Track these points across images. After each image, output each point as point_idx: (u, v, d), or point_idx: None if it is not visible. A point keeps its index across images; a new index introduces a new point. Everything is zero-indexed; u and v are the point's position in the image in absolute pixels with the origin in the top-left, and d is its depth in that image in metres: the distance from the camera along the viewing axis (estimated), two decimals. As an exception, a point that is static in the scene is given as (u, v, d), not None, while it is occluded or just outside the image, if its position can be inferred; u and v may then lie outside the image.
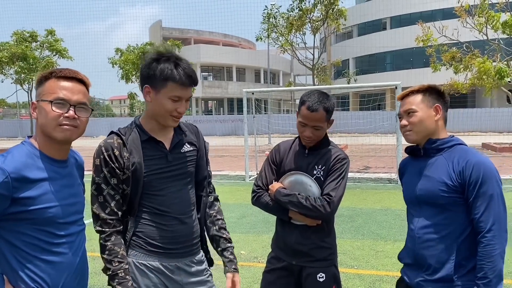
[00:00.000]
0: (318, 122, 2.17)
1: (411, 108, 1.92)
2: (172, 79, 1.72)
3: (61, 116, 1.54)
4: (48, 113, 1.53)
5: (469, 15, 17.62)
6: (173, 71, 1.73)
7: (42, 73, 1.62)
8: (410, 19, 37.93)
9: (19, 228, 1.49)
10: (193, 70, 1.79)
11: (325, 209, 2.12)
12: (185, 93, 1.77)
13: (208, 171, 2.06)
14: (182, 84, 1.74)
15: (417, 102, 1.93)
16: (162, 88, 1.74)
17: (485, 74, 16.13)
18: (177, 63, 1.75)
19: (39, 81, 1.60)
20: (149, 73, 1.76)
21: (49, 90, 1.55)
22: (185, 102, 1.80)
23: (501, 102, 33.92)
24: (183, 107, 1.78)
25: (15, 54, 24.35)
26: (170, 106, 1.75)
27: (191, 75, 1.76)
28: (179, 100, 1.76)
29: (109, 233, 1.74)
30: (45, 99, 1.54)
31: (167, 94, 1.74)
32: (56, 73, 1.58)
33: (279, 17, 25.62)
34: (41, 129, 1.57)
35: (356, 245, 5.32)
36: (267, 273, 2.36)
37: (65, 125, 1.54)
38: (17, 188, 1.44)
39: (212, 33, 57.06)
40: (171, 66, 1.73)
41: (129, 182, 1.77)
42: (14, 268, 1.50)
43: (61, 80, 1.57)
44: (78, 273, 1.65)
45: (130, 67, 27.05)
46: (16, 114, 53.76)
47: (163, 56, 1.76)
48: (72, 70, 1.60)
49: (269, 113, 20.86)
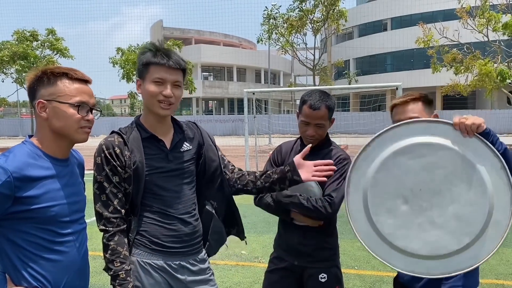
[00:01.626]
0: (320, 120, 2.18)
1: (415, 116, 1.88)
2: (152, 63, 1.76)
3: (82, 119, 1.57)
4: (71, 116, 1.55)
5: (470, 17, 17.65)
6: (154, 55, 1.77)
7: (47, 69, 1.58)
8: (411, 20, 37.95)
9: (22, 227, 1.49)
10: (178, 55, 1.81)
11: (326, 209, 2.12)
12: (167, 75, 1.76)
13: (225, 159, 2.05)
14: (162, 65, 1.75)
15: (420, 110, 1.91)
16: (146, 74, 1.78)
17: (487, 76, 16.13)
18: (158, 48, 1.79)
19: (44, 78, 1.56)
20: (138, 67, 1.82)
21: (67, 92, 1.55)
22: (174, 87, 1.79)
23: (501, 103, 33.94)
24: (168, 90, 1.76)
25: (16, 53, 24.34)
26: (154, 89, 1.76)
27: (171, 57, 1.76)
28: (163, 82, 1.76)
29: (112, 233, 1.74)
30: (65, 101, 1.54)
31: (150, 78, 1.77)
32: (71, 75, 1.57)
33: (279, 18, 25.61)
34: (54, 130, 1.56)
35: (357, 245, 5.31)
36: (269, 273, 2.36)
37: (86, 127, 1.59)
38: (19, 187, 1.44)
39: (213, 33, 57.04)
40: (152, 52, 1.78)
41: (130, 180, 1.77)
42: (16, 267, 1.50)
43: (75, 82, 1.58)
44: (80, 271, 1.65)
45: (131, 67, 27.05)
46: (17, 113, 53.81)
47: (148, 47, 1.80)
48: (82, 72, 1.61)
49: (270, 113, 20.86)
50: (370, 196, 1.57)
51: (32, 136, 1.62)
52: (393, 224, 1.56)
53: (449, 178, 1.47)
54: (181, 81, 1.82)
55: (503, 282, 4.17)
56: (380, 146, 1.56)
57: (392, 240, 1.58)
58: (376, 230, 1.59)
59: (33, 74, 1.57)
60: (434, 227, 1.52)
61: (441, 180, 1.48)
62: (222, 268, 4.60)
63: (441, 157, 1.47)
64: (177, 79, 1.80)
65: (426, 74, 28.13)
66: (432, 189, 1.50)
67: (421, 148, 1.49)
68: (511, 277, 4.28)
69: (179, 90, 1.82)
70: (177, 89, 1.81)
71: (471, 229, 1.47)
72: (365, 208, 1.59)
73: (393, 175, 1.53)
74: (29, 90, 1.58)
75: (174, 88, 1.79)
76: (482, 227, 1.46)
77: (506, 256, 4.87)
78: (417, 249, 1.54)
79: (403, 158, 1.51)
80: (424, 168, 1.50)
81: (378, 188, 1.56)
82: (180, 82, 1.82)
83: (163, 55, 1.77)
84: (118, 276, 1.69)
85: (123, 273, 1.70)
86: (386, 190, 1.55)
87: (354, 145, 19.51)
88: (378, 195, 1.56)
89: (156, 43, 1.83)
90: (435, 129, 1.49)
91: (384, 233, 1.58)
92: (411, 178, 1.51)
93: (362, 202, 1.59)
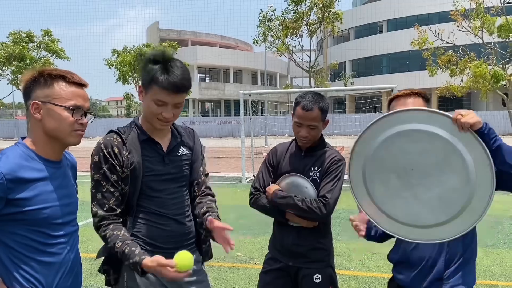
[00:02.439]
0: (313, 121, 2.19)
1: None
2: (156, 83, 1.69)
3: (76, 123, 1.57)
4: (65, 119, 1.55)
5: (465, 19, 17.75)
6: (160, 75, 1.68)
7: (44, 70, 1.57)
8: (407, 22, 38.14)
9: (14, 229, 1.48)
10: (185, 76, 1.72)
11: (321, 210, 2.13)
12: (169, 99, 1.71)
13: (201, 174, 2.01)
14: (165, 90, 1.69)
15: (420, 105, 1.92)
16: (149, 90, 1.74)
17: (481, 78, 16.23)
18: (167, 68, 1.70)
19: (41, 79, 1.55)
20: (142, 73, 1.78)
21: (63, 95, 1.55)
22: (175, 108, 1.76)
23: (496, 105, 34.14)
24: (169, 113, 1.74)
25: (12, 54, 24.27)
26: (155, 109, 1.73)
27: (176, 83, 1.69)
28: (164, 104, 1.73)
29: (106, 224, 1.73)
30: (60, 104, 1.54)
31: (152, 96, 1.73)
32: (68, 78, 1.57)
33: (274, 20, 25.64)
34: (47, 131, 1.56)
35: (352, 247, 5.33)
36: (264, 274, 2.37)
37: (79, 131, 1.60)
38: (12, 189, 1.44)
39: (209, 35, 57.06)
40: (160, 70, 1.69)
41: (127, 181, 1.77)
42: (8, 269, 1.50)
43: (72, 85, 1.58)
44: (72, 273, 1.65)
45: (126, 68, 27.00)
46: (12, 115, 53.52)
47: (156, 58, 1.73)
48: (78, 76, 1.62)
49: (266, 115, 20.89)
50: (368, 166, 1.77)
51: (25, 138, 1.61)
52: (383, 192, 1.76)
53: (440, 165, 1.64)
54: (182, 101, 1.79)
55: (497, 283, 4.19)
56: (385, 126, 1.73)
57: (380, 204, 1.77)
58: (369, 193, 1.79)
59: (30, 74, 1.57)
60: (418, 202, 1.70)
61: (432, 165, 1.65)
62: (217, 269, 4.60)
63: (436, 146, 1.63)
64: (179, 101, 1.76)
65: (422, 75, 28.27)
66: (423, 171, 1.67)
67: (420, 135, 1.65)
68: (506, 278, 4.31)
69: (179, 109, 1.79)
70: (178, 108, 1.78)
71: (449, 210, 1.65)
72: (363, 174, 1.79)
73: (391, 153, 1.71)
74: (24, 90, 1.58)
75: (174, 109, 1.77)
76: (459, 210, 1.64)
77: (500, 257, 4.90)
78: (400, 216, 1.74)
79: (402, 140, 1.68)
80: (419, 152, 1.66)
81: (376, 161, 1.75)
82: (181, 103, 1.79)
83: (169, 79, 1.68)
84: (123, 253, 1.67)
85: (126, 247, 1.67)
86: (383, 164, 1.74)
87: (350, 146, 19.56)
88: (375, 166, 1.76)
89: (165, 53, 1.74)
90: (436, 119, 1.63)
91: (375, 197, 1.78)
92: (406, 159, 1.69)
93: (361, 169, 1.79)
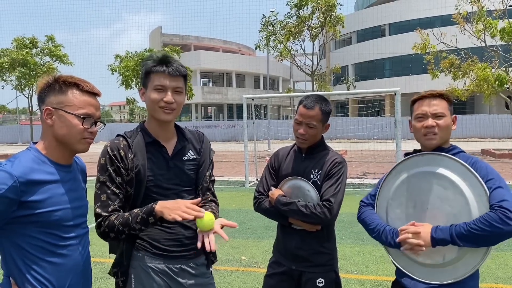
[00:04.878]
0: (312, 120, 2.22)
1: (442, 112, 1.89)
2: (152, 72, 1.82)
3: (85, 131, 1.61)
4: (75, 126, 1.59)
5: (467, 22, 17.74)
6: (154, 64, 1.82)
7: (60, 77, 1.61)
8: (409, 25, 38.14)
9: (26, 231, 1.52)
10: (179, 64, 1.86)
11: (325, 215, 2.14)
12: (167, 82, 1.81)
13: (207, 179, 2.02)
14: (161, 73, 1.80)
15: (445, 108, 1.90)
16: (148, 83, 1.84)
17: (485, 81, 16.19)
18: (162, 59, 1.83)
19: (56, 86, 1.60)
20: (140, 76, 1.89)
21: (75, 102, 1.60)
22: (175, 93, 1.83)
23: (500, 108, 34.04)
24: (169, 96, 1.81)
25: (15, 60, 24.40)
26: (156, 96, 1.81)
27: (171, 66, 1.81)
28: (164, 89, 1.81)
29: (106, 216, 1.76)
30: (71, 112, 1.59)
31: (151, 86, 1.83)
32: (82, 87, 1.62)
33: (277, 25, 25.71)
34: (57, 137, 1.60)
35: (356, 250, 5.33)
36: (268, 277, 2.39)
37: (88, 139, 1.64)
38: (25, 192, 1.48)
39: (212, 40, 57.26)
40: (153, 61, 1.83)
41: (132, 183, 1.81)
42: (21, 270, 1.53)
43: (85, 94, 1.63)
44: (82, 275, 1.68)
45: (129, 74, 27.11)
46: (16, 120, 53.80)
47: (153, 57, 1.85)
48: (92, 85, 1.66)
49: (269, 119, 20.91)
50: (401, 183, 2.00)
51: (37, 143, 1.66)
52: (398, 213, 1.99)
53: (450, 215, 1.84)
54: (182, 87, 1.86)
55: (502, 286, 4.18)
56: (431, 161, 1.91)
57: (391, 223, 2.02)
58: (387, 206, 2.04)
59: (46, 80, 1.63)
60: None
61: (444, 213, 1.85)
62: (222, 273, 4.61)
63: (457, 200, 1.82)
64: (177, 85, 1.84)
65: (424, 79, 28.20)
66: (435, 214, 1.88)
67: (451, 185, 1.84)
68: (510, 281, 4.30)
69: (180, 96, 1.86)
70: (178, 95, 1.85)
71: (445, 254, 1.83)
72: (396, 187, 2.02)
73: (421, 185, 1.92)
74: (39, 95, 1.63)
75: (175, 94, 1.83)
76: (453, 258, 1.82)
77: (505, 260, 4.89)
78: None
79: (436, 180, 1.88)
80: (441, 198, 1.86)
81: (409, 183, 1.97)
82: (181, 88, 1.86)
83: (163, 63, 1.82)
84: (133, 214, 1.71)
85: (141, 216, 1.70)
86: (411, 189, 1.96)
87: (353, 150, 19.59)
88: (406, 187, 1.98)
89: (157, 53, 1.88)
90: (470, 178, 1.80)
91: (389, 213, 2.02)
92: (428, 196, 1.90)
93: (395, 181, 2.02)
